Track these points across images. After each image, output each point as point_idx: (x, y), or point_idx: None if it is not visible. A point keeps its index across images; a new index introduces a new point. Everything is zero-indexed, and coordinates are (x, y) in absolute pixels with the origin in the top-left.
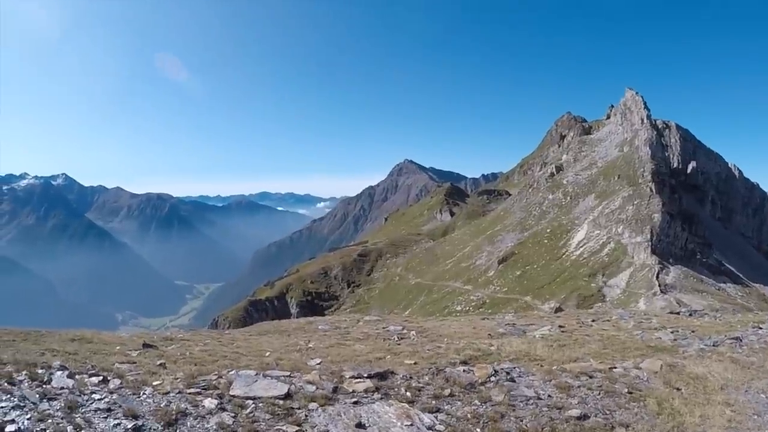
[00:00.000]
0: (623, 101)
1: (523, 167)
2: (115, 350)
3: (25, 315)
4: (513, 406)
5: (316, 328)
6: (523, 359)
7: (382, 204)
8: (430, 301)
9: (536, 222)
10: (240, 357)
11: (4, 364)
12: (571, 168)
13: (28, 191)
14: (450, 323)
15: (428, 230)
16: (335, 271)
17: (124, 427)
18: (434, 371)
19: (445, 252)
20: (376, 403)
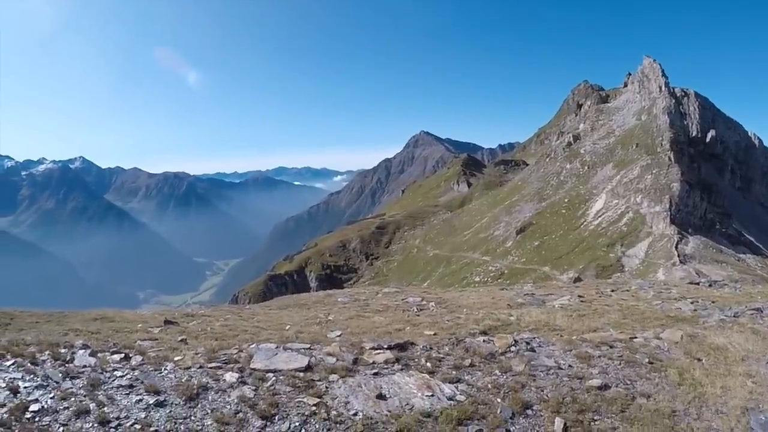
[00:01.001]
0: (641, 69)
1: (540, 137)
2: (137, 328)
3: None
4: (533, 376)
5: (335, 300)
6: (543, 329)
7: (399, 176)
8: (448, 272)
9: (554, 192)
10: (260, 331)
11: (27, 344)
12: (588, 137)
13: (46, 176)
14: (469, 294)
15: (445, 201)
16: (353, 244)
17: (146, 402)
18: (454, 342)
19: (462, 223)
20: (396, 374)
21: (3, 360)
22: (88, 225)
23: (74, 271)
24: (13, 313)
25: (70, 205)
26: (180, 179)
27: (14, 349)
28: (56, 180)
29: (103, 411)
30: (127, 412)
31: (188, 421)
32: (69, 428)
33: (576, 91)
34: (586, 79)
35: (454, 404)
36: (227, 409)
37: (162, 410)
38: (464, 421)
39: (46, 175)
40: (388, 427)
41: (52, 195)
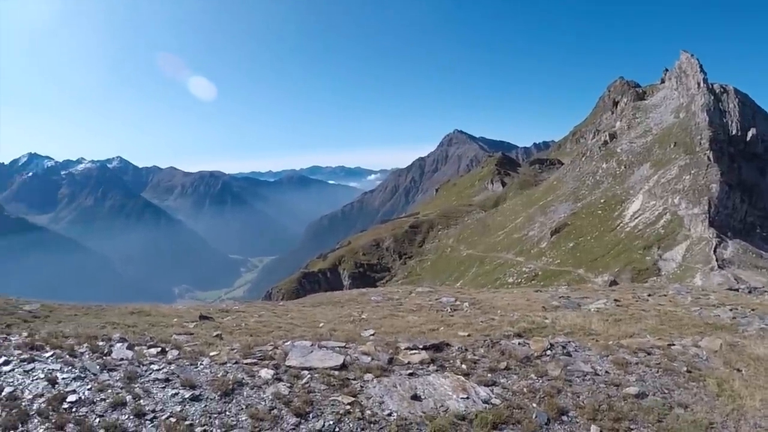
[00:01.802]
0: (678, 64)
1: (575, 135)
2: (173, 322)
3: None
4: (570, 382)
5: (368, 299)
6: (579, 333)
7: (433, 175)
8: (482, 272)
9: (590, 192)
10: (294, 328)
11: (66, 337)
12: (625, 135)
13: (85, 175)
14: (503, 295)
15: (480, 201)
16: (387, 242)
17: (181, 396)
18: (489, 343)
19: (496, 223)
20: (431, 375)
21: (42, 351)
22: (125, 222)
23: (112, 267)
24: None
25: (108, 203)
26: (215, 178)
27: (53, 341)
28: (95, 179)
29: (139, 403)
30: (163, 405)
31: (223, 416)
32: (105, 419)
33: (612, 88)
34: (622, 76)
35: (489, 408)
36: (262, 406)
37: (197, 404)
38: (499, 425)
39: (85, 175)
40: (422, 428)
41: (90, 193)
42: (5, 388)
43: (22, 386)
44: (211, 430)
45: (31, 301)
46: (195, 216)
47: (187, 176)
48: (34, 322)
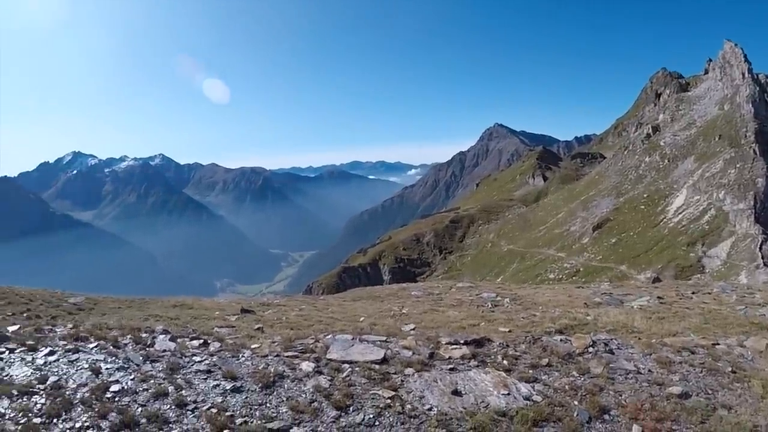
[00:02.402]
0: (722, 54)
1: (617, 128)
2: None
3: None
4: (612, 380)
5: (408, 294)
6: (621, 331)
7: (473, 170)
8: (522, 268)
9: (632, 186)
10: (335, 322)
11: (110, 328)
12: (668, 128)
13: (128, 172)
14: (544, 291)
15: (520, 195)
16: (427, 237)
17: (223, 388)
18: (531, 340)
19: (537, 218)
20: (472, 371)
21: (86, 342)
22: (167, 218)
23: (154, 261)
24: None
25: (151, 199)
26: (256, 174)
27: (97, 333)
28: (137, 176)
29: (181, 394)
30: (205, 396)
31: (263, 408)
32: (147, 409)
33: (654, 80)
34: (665, 67)
35: (530, 405)
36: (302, 398)
37: (238, 396)
38: (540, 422)
39: (128, 172)
40: (462, 424)
41: (133, 190)
42: (50, 378)
43: (66, 376)
44: (251, 421)
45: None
46: (236, 211)
47: (228, 172)
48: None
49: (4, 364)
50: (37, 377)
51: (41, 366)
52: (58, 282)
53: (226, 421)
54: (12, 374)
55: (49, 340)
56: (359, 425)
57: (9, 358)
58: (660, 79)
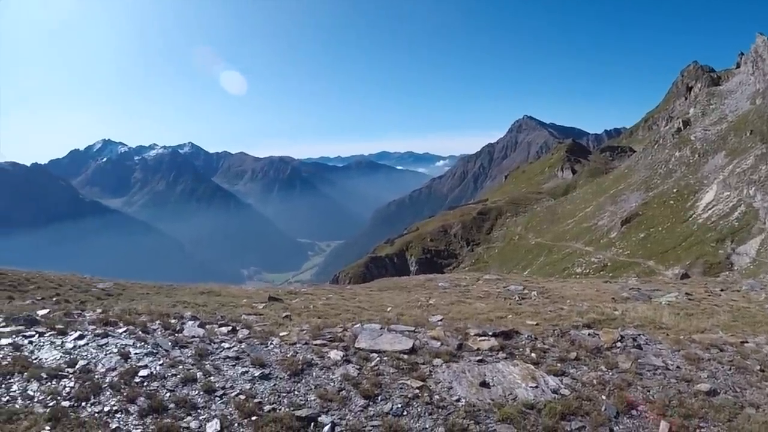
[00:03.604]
0: (754, 47)
1: (647, 122)
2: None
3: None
4: (640, 375)
5: (436, 285)
6: (649, 326)
7: (502, 162)
8: (549, 261)
9: (662, 181)
10: (362, 311)
11: (139, 314)
12: (699, 122)
13: (157, 160)
14: (572, 285)
15: (549, 188)
16: (455, 229)
17: (251, 374)
18: (559, 333)
19: (566, 211)
20: (500, 363)
21: (116, 327)
22: (196, 206)
23: (182, 248)
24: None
25: (180, 187)
26: (285, 163)
27: (126, 318)
28: (166, 164)
29: (210, 380)
30: (233, 382)
31: (291, 396)
32: (176, 394)
33: (685, 73)
34: (696, 60)
35: (558, 398)
36: (331, 386)
37: (267, 383)
38: (568, 416)
39: (157, 160)
40: (490, 416)
41: (162, 178)
42: (79, 361)
43: (95, 360)
44: (279, 408)
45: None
46: (264, 200)
47: (257, 161)
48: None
49: (34, 347)
50: (66, 361)
51: (70, 350)
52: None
53: (254, 408)
54: (41, 357)
55: (79, 324)
56: (387, 414)
57: (38, 342)
58: (691, 72)
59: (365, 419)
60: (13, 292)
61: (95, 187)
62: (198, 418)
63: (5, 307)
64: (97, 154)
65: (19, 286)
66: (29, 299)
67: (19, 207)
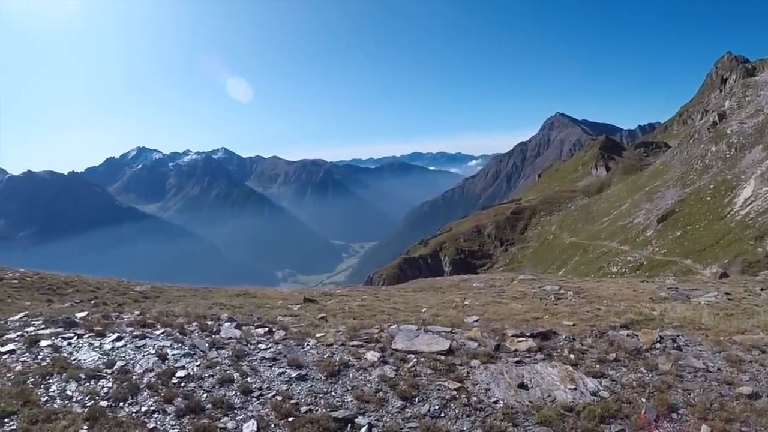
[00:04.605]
0: None
1: (682, 116)
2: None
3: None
4: (680, 377)
5: (470, 285)
6: (688, 327)
7: (535, 160)
8: (585, 261)
9: (698, 177)
10: (397, 312)
11: (176, 315)
12: (735, 115)
13: (191, 165)
14: (608, 285)
15: (583, 186)
16: (488, 229)
17: (288, 376)
18: (597, 334)
19: (600, 210)
20: (538, 364)
21: (153, 329)
22: (230, 210)
23: (217, 252)
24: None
25: (214, 191)
26: (317, 166)
27: (164, 319)
28: (200, 169)
29: (246, 381)
30: (270, 383)
31: (328, 397)
32: (213, 395)
33: (720, 65)
34: (730, 51)
35: (597, 400)
36: (367, 388)
37: (303, 384)
38: (607, 419)
39: (191, 165)
40: (528, 418)
41: (197, 183)
42: (117, 362)
43: (133, 361)
44: (316, 409)
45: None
46: (298, 203)
47: (289, 165)
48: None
49: (73, 348)
50: (104, 362)
51: (108, 351)
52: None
53: (290, 409)
54: (80, 359)
55: (116, 326)
56: (425, 416)
57: (77, 343)
58: (725, 63)
59: (402, 421)
60: (52, 296)
61: (131, 194)
62: (235, 419)
63: (45, 309)
64: (132, 161)
65: (58, 289)
66: (68, 302)
67: (58, 215)
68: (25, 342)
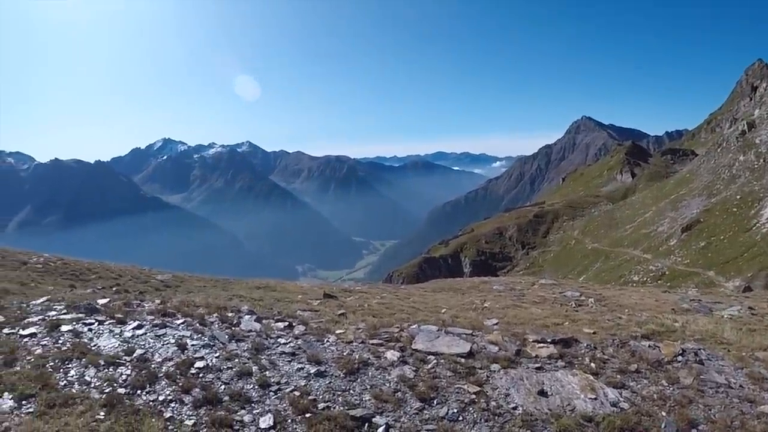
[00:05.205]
0: None
1: (710, 124)
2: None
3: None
4: (702, 392)
5: (490, 288)
6: (710, 340)
7: (559, 163)
8: (606, 268)
9: (725, 187)
10: (416, 312)
11: (197, 306)
12: (764, 125)
13: (216, 158)
14: (630, 293)
15: (607, 192)
16: (510, 231)
17: (307, 371)
18: (618, 343)
19: (624, 216)
20: (559, 371)
21: (173, 318)
22: (253, 203)
23: (239, 244)
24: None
25: (238, 184)
26: (341, 162)
27: (184, 309)
28: (225, 162)
29: (265, 375)
30: (288, 378)
31: (347, 394)
32: (230, 387)
33: (750, 72)
34: (761, 58)
35: (617, 411)
36: (386, 387)
37: (322, 380)
38: (626, 431)
39: (216, 158)
40: (547, 426)
41: (221, 175)
42: (137, 350)
43: (152, 349)
44: (334, 407)
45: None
46: (320, 198)
47: (313, 160)
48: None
49: (93, 334)
50: (123, 349)
51: (128, 339)
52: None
53: (308, 405)
54: (100, 345)
55: (137, 314)
56: (443, 419)
57: (98, 330)
58: (756, 71)
59: (420, 422)
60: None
61: (156, 184)
62: (252, 412)
63: (67, 295)
64: (158, 152)
65: (80, 275)
66: (90, 288)
67: (83, 202)
68: (47, 326)
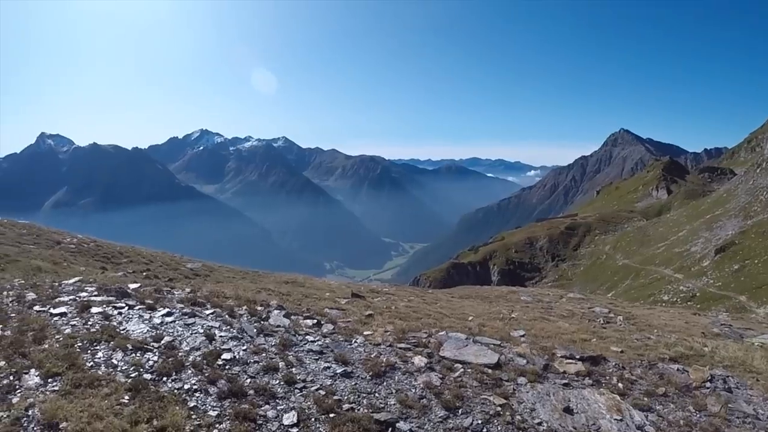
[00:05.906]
0: None
1: (750, 143)
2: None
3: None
4: (729, 421)
5: (518, 298)
6: (738, 368)
7: (595, 176)
8: (636, 285)
9: (762, 209)
10: (443, 317)
11: (227, 297)
12: None
13: (251, 152)
14: (659, 313)
15: (642, 208)
16: (541, 242)
17: (333, 371)
18: (647, 365)
19: (657, 234)
20: (586, 389)
21: (203, 308)
22: (286, 198)
23: (269, 237)
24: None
25: (271, 178)
26: (375, 162)
27: (214, 300)
28: (260, 156)
29: (291, 371)
30: (314, 376)
31: (371, 397)
32: (256, 381)
33: None
34: None
35: None
36: (412, 393)
37: (348, 381)
38: None
39: (251, 151)
40: None
41: (255, 169)
42: (165, 337)
43: (180, 338)
44: (358, 409)
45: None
46: (352, 197)
47: (348, 159)
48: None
49: (122, 318)
50: (152, 335)
51: (157, 325)
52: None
53: (333, 405)
54: (129, 329)
55: (167, 301)
56: (466, 429)
57: (128, 314)
58: None
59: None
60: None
61: (191, 173)
62: (276, 408)
63: (98, 276)
64: (195, 142)
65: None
66: (121, 271)
67: (119, 186)
68: (77, 306)
